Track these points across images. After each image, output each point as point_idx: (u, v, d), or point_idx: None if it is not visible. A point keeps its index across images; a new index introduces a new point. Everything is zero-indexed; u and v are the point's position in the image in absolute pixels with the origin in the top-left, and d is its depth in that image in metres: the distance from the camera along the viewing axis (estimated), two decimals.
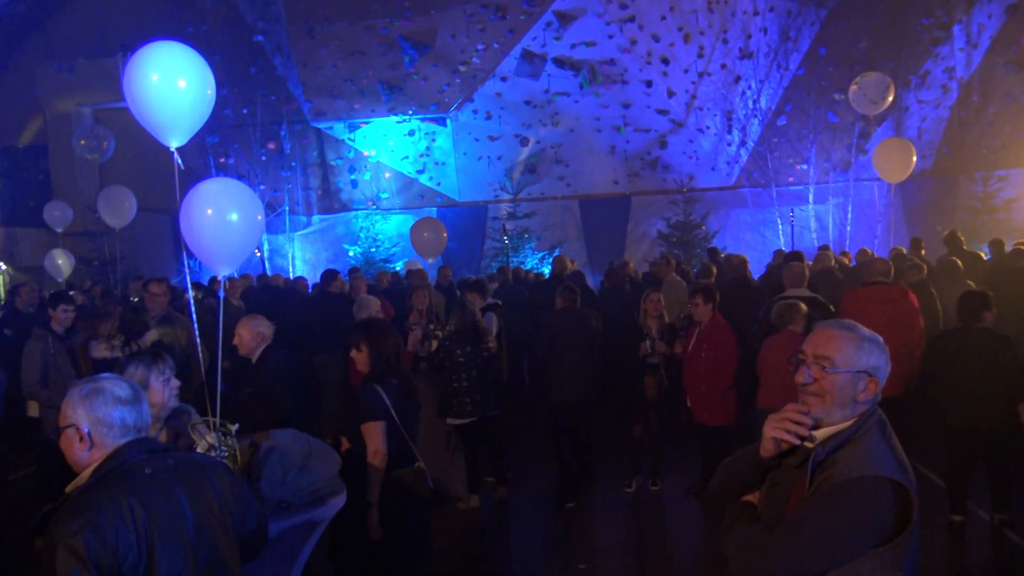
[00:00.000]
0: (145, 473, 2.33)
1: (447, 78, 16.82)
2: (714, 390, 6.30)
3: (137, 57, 3.55)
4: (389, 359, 4.21)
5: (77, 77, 17.66)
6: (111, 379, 2.46)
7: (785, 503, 2.10)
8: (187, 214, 3.53)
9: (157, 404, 3.50)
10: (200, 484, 2.44)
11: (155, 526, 2.26)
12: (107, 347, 5.93)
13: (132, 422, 2.39)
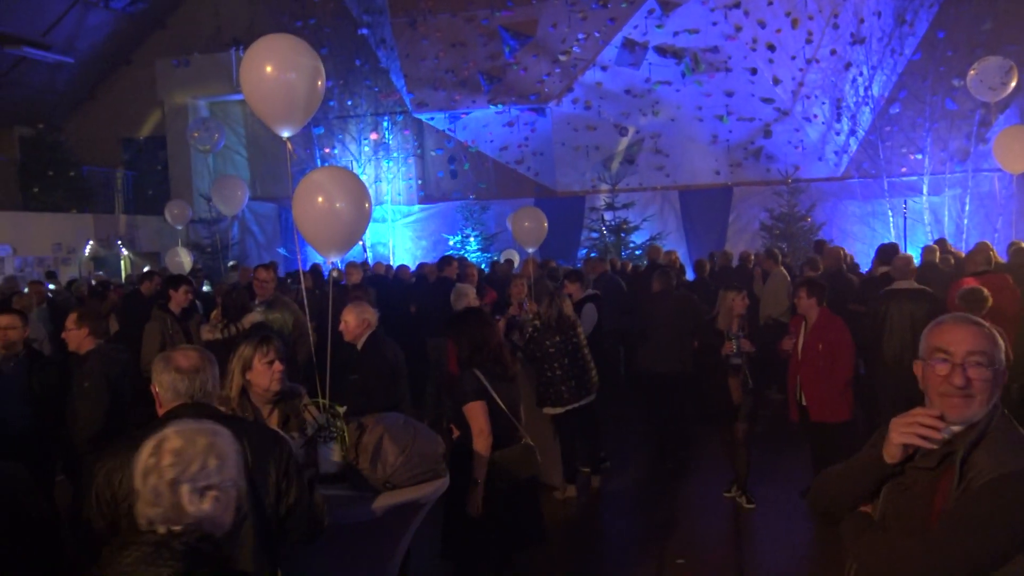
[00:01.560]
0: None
1: (547, 68, 16.78)
2: (835, 386, 6.01)
3: (252, 49, 3.67)
4: (483, 345, 4.31)
5: (193, 71, 18.46)
6: (183, 350, 2.87)
7: (926, 508, 1.99)
8: (299, 201, 3.63)
9: (261, 384, 3.65)
10: None
11: None
12: (210, 329, 6.18)
13: (184, 389, 2.73)
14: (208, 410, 2.76)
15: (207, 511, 1.88)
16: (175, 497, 1.86)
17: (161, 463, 1.89)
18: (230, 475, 1.95)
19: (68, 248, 16.42)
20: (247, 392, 3.77)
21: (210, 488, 1.90)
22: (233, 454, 2.00)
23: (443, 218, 18.53)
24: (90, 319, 5.33)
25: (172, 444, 1.92)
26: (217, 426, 2.04)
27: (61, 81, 19.23)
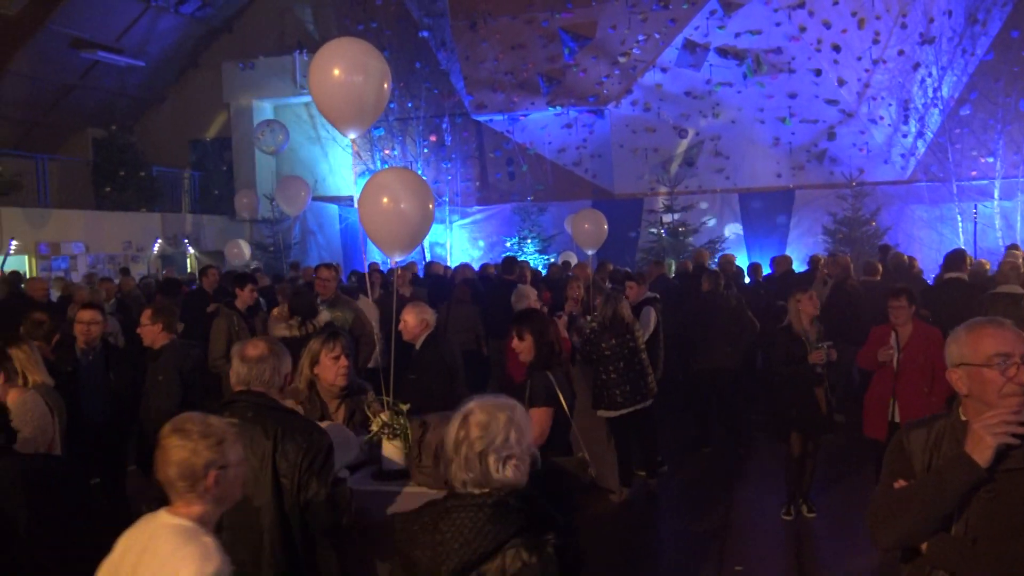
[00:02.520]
0: (224, 409, 2.97)
1: (606, 70, 16.74)
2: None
3: (321, 52, 3.75)
4: (553, 347, 4.28)
5: (257, 74, 18.87)
6: (252, 342, 3.15)
7: None
8: (365, 202, 3.70)
9: (327, 379, 3.80)
10: (253, 437, 2.85)
11: None
12: (286, 327, 6.32)
13: (243, 376, 3.04)
14: (263, 398, 3.00)
15: (509, 477, 2.19)
16: (483, 466, 2.19)
17: (470, 435, 2.22)
18: (526, 444, 2.24)
19: (137, 246, 16.94)
20: (315, 386, 3.89)
21: (511, 457, 2.20)
22: (527, 425, 2.27)
23: (501, 220, 18.60)
24: (164, 315, 5.50)
25: (477, 418, 2.23)
26: (512, 400, 2.30)
27: (132, 84, 19.85)
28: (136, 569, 2.19)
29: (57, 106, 18.76)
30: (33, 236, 14.76)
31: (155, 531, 2.23)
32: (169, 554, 2.15)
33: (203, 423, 2.31)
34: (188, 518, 2.24)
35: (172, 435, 2.27)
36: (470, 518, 2.15)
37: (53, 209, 15.69)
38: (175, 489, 2.25)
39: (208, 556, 2.14)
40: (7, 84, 16.93)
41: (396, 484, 3.56)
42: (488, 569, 2.12)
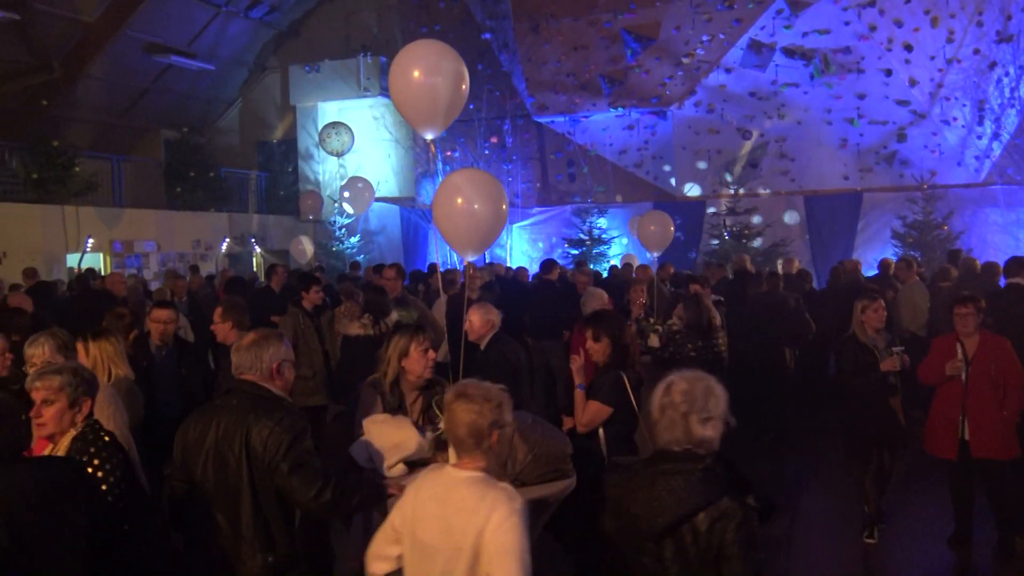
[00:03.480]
0: (215, 402, 3.29)
1: (669, 71, 16.61)
2: (1007, 418, 5.38)
3: (401, 54, 3.81)
4: (627, 348, 4.37)
5: (323, 76, 19.19)
6: (247, 333, 3.34)
7: None
8: (440, 202, 3.74)
9: (415, 371, 3.94)
10: (232, 422, 3.10)
11: (193, 437, 3.18)
12: (360, 325, 6.41)
13: (235, 364, 3.25)
14: (251, 386, 3.22)
15: (709, 435, 2.61)
16: (686, 425, 2.60)
17: (674, 400, 2.64)
18: (722, 409, 2.64)
19: (206, 245, 17.39)
20: (398, 379, 3.99)
21: (710, 419, 2.61)
22: (722, 393, 2.68)
23: (561, 221, 18.59)
24: (234, 312, 5.64)
25: (680, 386, 2.66)
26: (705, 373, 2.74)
27: (203, 87, 20.38)
28: (444, 515, 2.54)
29: (132, 109, 19.37)
30: (108, 234, 15.26)
31: (450, 483, 2.60)
32: (478, 499, 2.50)
33: (483, 389, 2.65)
34: (476, 470, 2.59)
35: (458, 400, 2.61)
36: (684, 480, 2.56)
37: (127, 209, 16.20)
38: (464, 446, 2.60)
39: (512, 496, 2.53)
40: (85, 88, 17.54)
41: None
42: (699, 520, 2.53)
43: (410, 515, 2.64)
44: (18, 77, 16.33)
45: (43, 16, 15.43)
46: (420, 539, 2.59)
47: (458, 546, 2.49)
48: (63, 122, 17.25)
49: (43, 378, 3.04)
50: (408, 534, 2.64)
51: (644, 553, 2.61)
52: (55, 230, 14.28)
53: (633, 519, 2.62)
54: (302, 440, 3.12)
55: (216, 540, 3.15)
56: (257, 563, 3.11)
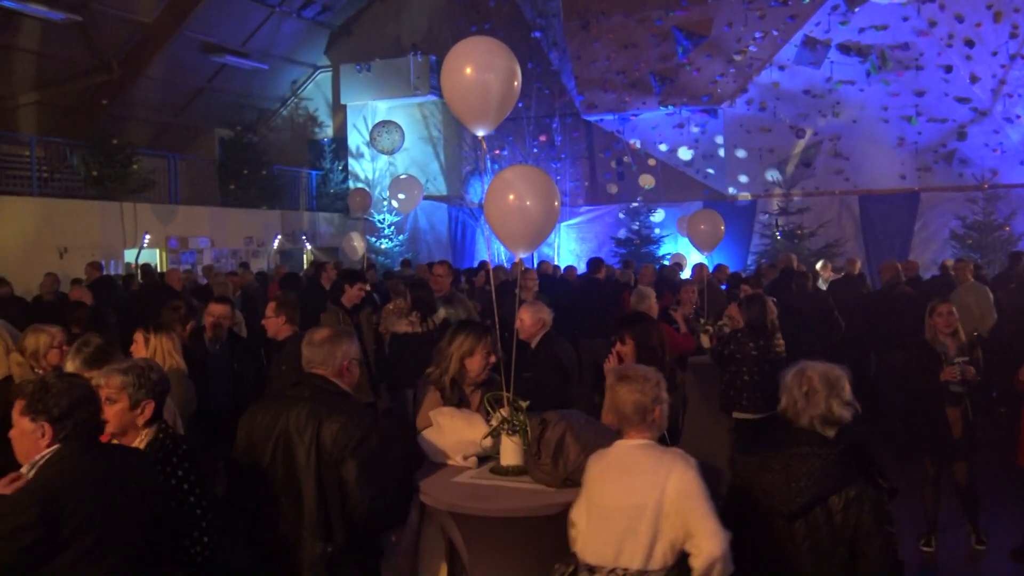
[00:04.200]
0: (286, 392, 3.41)
1: (721, 68, 16.40)
2: None
3: (454, 51, 3.80)
4: (654, 351, 4.37)
5: (374, 75, 19.35)
6: (318, 329, 3.49)
7: None
8: (491, 199, 3.73)
9: (475, 371, 3.99)
10: (304, 415, 3.21)
11: (262, 424, 3.28)
12: (408, 323, 6.43)
13: (307, 358, 3.38)
14: (322, 380, 3.34)
15: (846, 416, 2.94)
16: (827, 407, 2.91)
17: (814, 384, 2.94)
18: (850, 396, 2.95)
19: (258, 241, 17.67)
20: (456, 376, 4.02)
21: (848, 404, 2.95)
22: (850, 378, 2.99)
23: (609, 220, 18.49)
24: (287, 308, 5.70)
25: (816, 370, 2.99)
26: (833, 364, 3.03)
27: (256, 86, 20.71)
28: (623, 478, 2.84)
29: (187, 108, 19.77)
30: (164, 231, 15.60)
31: (624, 452, 2.92)
32: (655, 462, 2.82)
33: (641, 371, 2.99)
34: (645, 440, 2.92)
35: (621, 383, 2.94)
36: (820, 464, 2.84)
37: (182, 206, 16.53)
38: (631, 422, 2.92)
39: (686, 458, 2.82)
40: (143, 87, 17.94)
41: (515, 480, 3.57)
42: (833, 501, 2.80)
43: (588, 484, 2.98)
44: (80, 77, 16.77)
45: (103, 18, 15.82)
46: (598, 503, 2.90)
47: (641, 504, 2.77)
48: (122, 121, 17.67)
49: (107, 376, 3.06)
50: (586, 501, 2.97)
51: (773, 532, 2.85)
52: (114, 226, 14.64)
53: (763, 500, 2.88)
54: (369, 440, 3.21)
55: (278, 525, 3.24)
56: (317, 551, 3.20)
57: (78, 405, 2.58)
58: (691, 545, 2.73)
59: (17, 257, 12.50)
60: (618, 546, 2.80)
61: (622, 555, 2.80)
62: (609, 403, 2.99)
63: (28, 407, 2.58)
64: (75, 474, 2.52)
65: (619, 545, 2.80)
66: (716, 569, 2.69)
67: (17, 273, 11.29)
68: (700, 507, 2.72)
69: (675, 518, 2.73)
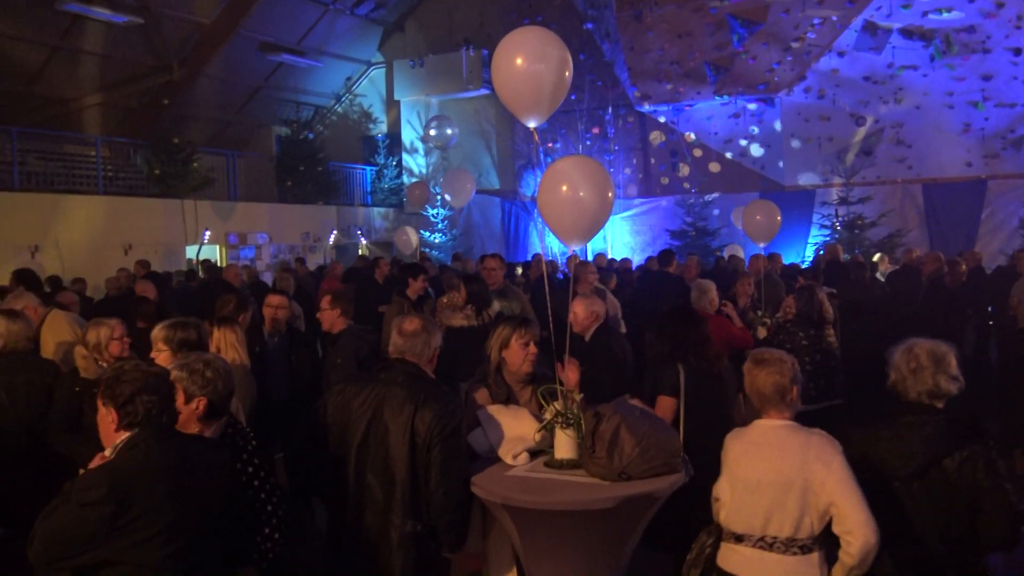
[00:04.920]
0: (379, 375, 3.50)
1: (778, 56, 16.08)
2: None
3: (504, 42, 3.78)
4: (689, 342, 4.37)
5: (427, 71, 19.45)
6: (408, 319, 3.60)
7: None
8: (545, 190, 3.70)
9: (514, 363, 3.94)
10: (400, 399, 3.37)
11: (356, 404, 3.42)
12: (463, 316, 6.45)
13: (399, 347, 3.52)
14: (414, 368, 3.48)
15: (952, 390, 3.11)
16: (935, 382, 3.09)
17: (921, 361, 3.12)
18: (956, 371, 3.11)
19: (315, 236, 17.92)
20: (500, 370, 3.98)
21: (955, 379, 3.10)
22: (956, 355, 3.16)
23: (663, 212, 18.30)
24: (342, 301, 5.76)
25: (923, 347, 3.15)
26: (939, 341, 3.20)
27: (312, 83, 20.98)
28: (768, 457, 3.04)
29: (246, 106, 20.13)
30: (223, 227, 15.91)
31: (769, 432, 3.12)
32: (803, 444, 3.02)
33: (776, 354, 3.20)
34: (786, 420, 3.12)
35: (759, 367, 3.14)
36: (933, 429, 3.04)
37: (240, 202, 16.84)
38: (771, 402, 3.12)
39: (832, 441, 3.02)
40: (203, 87, 18.31)
41: (569, 473, 3.54)
42: (947, 463, 2.98)
43: (730, 462, 3.18)
44: (141, 78, 17.18)
45: (164, 19, 16.18)
46: (743, 478, 3.09)
47: (788, 481, 2.96)
48: (182, 120, 18.07)
49: (173, 368, 3.12)
50: (729, 477, 3.16)
51: (892, 495, 3.04)
52: (175, 223, 14.99)
53: (880, 467, 3.08)
54: (459, 433, 3.40)
55: (366, 503, 3.38)
56: (407, 529, 3.34)
57: (141, 393, 2.66)
58: (842, 530, 2.90)
59: (84, 254, 12.88)
60: (766, 517, 3.00)
61: (770, 525, 3.00)
62: (748, 386, 3.18)
63: (101, 394, 2.71)
64: (144, 460, 2.60)
65: (767, 517, 3.00)
66: (871, 556, 2.86)
67: (84, 270, 11.65)
68: (851, 492, 2.89)
69: (822, 497, 2.92)
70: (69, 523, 2.47)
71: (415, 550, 3.35)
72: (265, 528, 3.05)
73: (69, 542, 2.48)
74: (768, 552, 3.00)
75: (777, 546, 2.99)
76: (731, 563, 3.11)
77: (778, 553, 2.99)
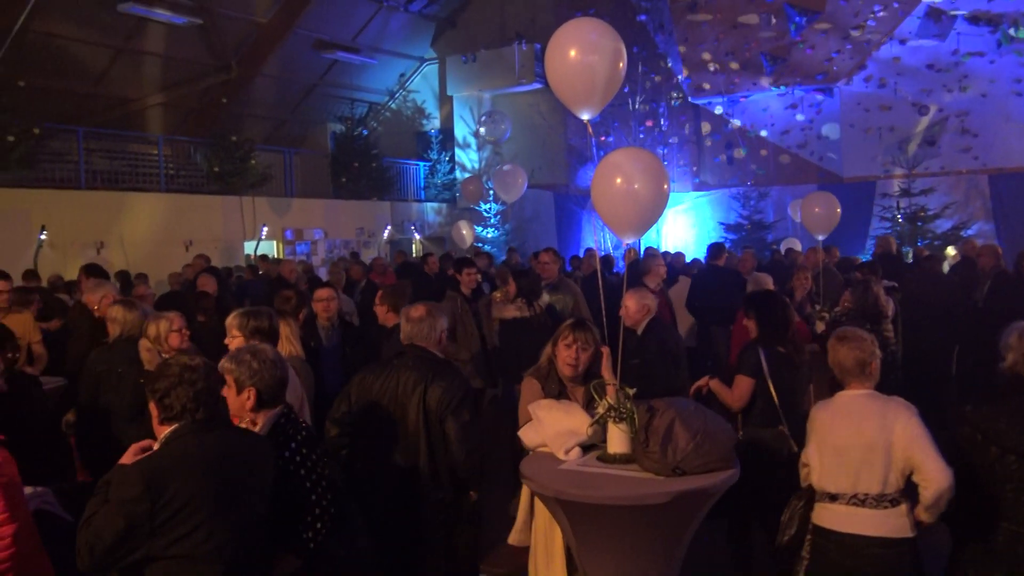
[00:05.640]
0: (392, 361, 3.95)
1: (837, 45, 15.71)
2: None
3: (558, 34, 3.76)
4: (777, 327, 4.57)
5: (479, 66, 19.49)
6: (414, 306, 4.02)
7: None
8: (598, 183, 3.67)
9: (558, 363, 4.01)
10: (412, 380, 3.80)
11: (376, 388, 3.87)
12: (516, 308, 6.47)
13: (408, 333, 3.95)
14: (422, 351, 3.89)
15: None
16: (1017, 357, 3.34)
17: (1018, 343, 3.34)
18: None
19: (369, 232, 18.12)
20: (554, 364, 4.01)
21: None
22: None
23: (718, 205, 18.05)
24: (392, 297, 5.83)
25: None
26: None
27: (366, 80, 21.19)
28: (853, 423, 3.38)
29: (302, 104, 20.43)
30: (280, 223, 16.19)
31: (852, 401, 3.47)
32: (882, 409, 3.37)
33: (854, 331, 3.56)
34: (867, 389, 3.46)
35: (840, 343, 3.51)
36: None
37: (296, 198, 17.12)
38: (852, 375, 3.47)
39: (908, 405, 3.36)
40: (260, 86, 18.64)
41: (622, 468, 3.52)
42: None
43: (818, 429, 3.52)
44: (201, 78, 17.56)
45: (223, 19, 16.50)
46: (831, 443, 3.43)
47: (871, 443, 3.30)
48: (240, 119, 18.41)
49: (222, 361, 3.19)
50: (817, 444, 3.50)
51: (1007, 469, 3.19)
52: (234, 219, 15.31)
53: (995, 443, 3.22)
54: (467, 403, 3.80)
55: (393, 477, 3.79)
56: (433, 498, 3.76)
57: (176, 387, 2.68)
58: (919, 478, 3.25)
59: (147, 250, 13.23)
60: (855, 476, 3.34)
61: (860, 483, 3.34)
62: (832, 360, 3.53)
63: (146, 388, 2.77)
64: (180, 455, 2.62)
65: (856, 476, 3.34)
66: (944, 498, 3.20)
67: (147, 266, 11.96)
68: (926, 446, 3.22)
69: (903, 454, 3.26)
70: (109, 525, 2.49)
71: (443, 515, 3.80)
72: (307, 517, 3.06)
73: (113, 545, 2.49)
74: (860, 508, 3.33)
75: (869, 502, 3.31)
76: (827, 520, 3.44)
77: (870, 508, 3.31)
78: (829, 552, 3.40)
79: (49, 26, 14.09)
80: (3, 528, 2.77)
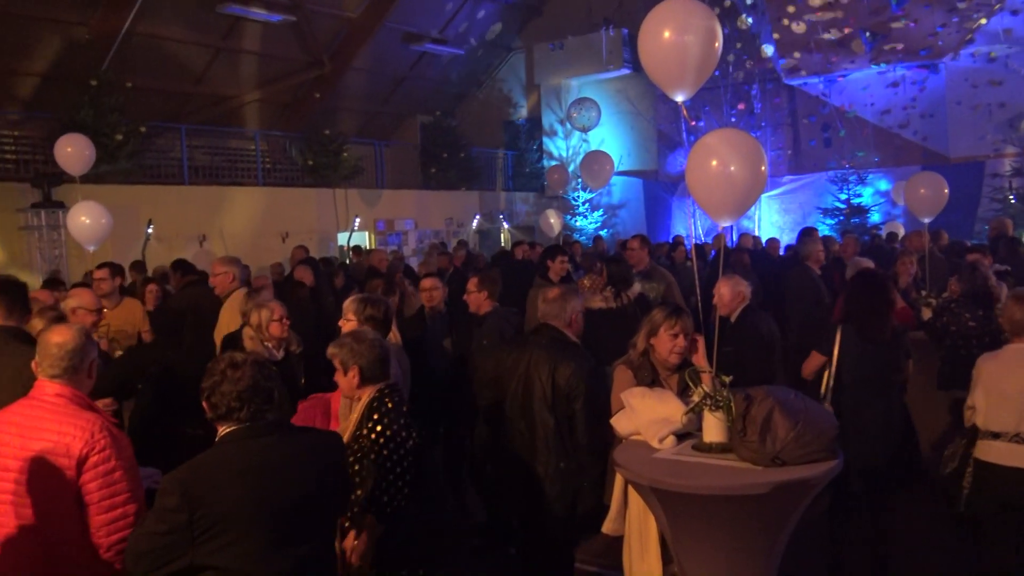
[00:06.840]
0: (526, 338, 4.45)
1: (942, 18, 14.95)
2: None
3: (651, 15, 3.69)
4: (863, 306, 4.57)
5: (566, 53, 19.38)
6: (552, 288, 4.37)
7: None
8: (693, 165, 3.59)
9: (661, 352, 3.92)
10: (544, 358, 4.11)
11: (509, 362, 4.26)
12: (602, 299, 6.40)
13: (543, 312, 4.27)
14: (554, 331, 4.19)
15: None
16: None
17: None
18: None
19: (458, 222, 18.29)
20: (648, 354, 3.93)
21: None
22: None
23: (815, 189, 17.47)
24: (488, 284, 5.86)
25: None
26: None
27: (454, 71, 21.35)
28: (1018, 368, 3.94)
29: (391, 96, 20.73)
30: (372, 214, 16.51)
31: (1018, 352, 4.00)
32: None
33: None
34: None
35: (1015, 302, 3.99)
36: None
37: (387, 190, 17.41)
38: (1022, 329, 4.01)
39: None
40: (351, 80, 19.00)
41: (719, 457, 3.44)
42: None
43: (985, 377, 4.05)
44: (295, 74, 18.01)
45: (315, 16, 16.87)
46: (997, 388, 3.97)
47: None
48: (332, 112, 18.82)
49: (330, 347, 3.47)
50: (983, 390, 4.05)
51: None
52: (327, 211, 15.68)
53: None
54: (593, 389, 4.04)
55: (515, 444, 4.14)
56: (551, 467, 4.04)
57: (219, 385, 2.65)
58: None
59: (246, 242, 13.68)
60: (1019, 418, 3.86)
61: (1022, 424, 3.86)
62: (1007, 317, 4.04)
63: None
64: (219, 463, 2.59)
65: (1019, 417, 3.86)
66: None
67: (246, 257, 12.35)
68: None
69: None
70: (150, 535, 2.51)
71: (561, 484, 4.04)
72: (382, 483, 3.22)
73: (153, 553, 2.50)
74: (1021, 445, 3.84)
75: None
76: (989, 454, 3.97)
77: None
78: (990, 482, 3.93)
79: (153, 28, 14.67)
80: (128, 507, 2.90)
